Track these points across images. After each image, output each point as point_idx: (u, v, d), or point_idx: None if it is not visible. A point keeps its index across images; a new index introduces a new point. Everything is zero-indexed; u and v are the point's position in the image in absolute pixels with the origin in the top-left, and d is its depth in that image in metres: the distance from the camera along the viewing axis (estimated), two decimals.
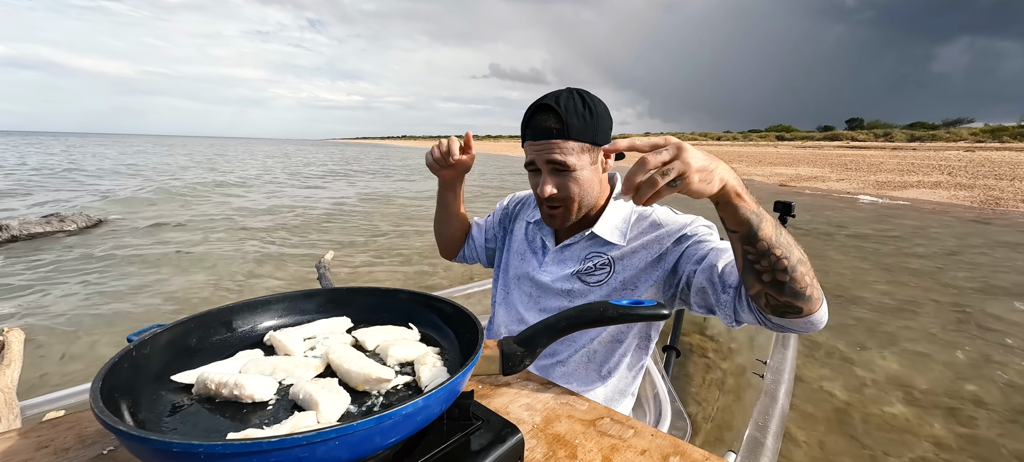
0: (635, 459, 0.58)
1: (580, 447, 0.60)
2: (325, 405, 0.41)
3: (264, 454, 0.30)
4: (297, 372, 0.48)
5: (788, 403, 0.86)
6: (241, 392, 0.43)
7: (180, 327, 0.50)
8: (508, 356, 0.51)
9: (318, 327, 0.59)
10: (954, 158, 19.43)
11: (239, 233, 5.88)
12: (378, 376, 0.46)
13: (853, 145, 34.30)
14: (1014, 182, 11.72)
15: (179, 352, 0.50)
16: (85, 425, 0.60)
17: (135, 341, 0.45)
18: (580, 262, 0.91)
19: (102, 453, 0.55)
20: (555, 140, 0.81)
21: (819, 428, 1.89)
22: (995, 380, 2.43)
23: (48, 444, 0.56)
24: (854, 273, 4.59)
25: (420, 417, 0.38)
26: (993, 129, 37.90)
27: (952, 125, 50.87)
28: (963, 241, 6.09)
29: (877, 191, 11.32)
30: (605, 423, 0.65)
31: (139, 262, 4.36)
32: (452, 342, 0.55)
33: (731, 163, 0.70)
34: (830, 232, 6.65)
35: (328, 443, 0.32)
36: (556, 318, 0.53)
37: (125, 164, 18.36)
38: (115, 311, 3.27)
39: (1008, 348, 2.85)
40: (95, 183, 11.40)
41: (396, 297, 0.60)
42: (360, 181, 13.91)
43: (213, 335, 0.54)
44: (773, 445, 0.73)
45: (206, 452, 0.30)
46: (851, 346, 2.80)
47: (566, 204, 0.86)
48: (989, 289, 4.07)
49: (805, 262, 0.62)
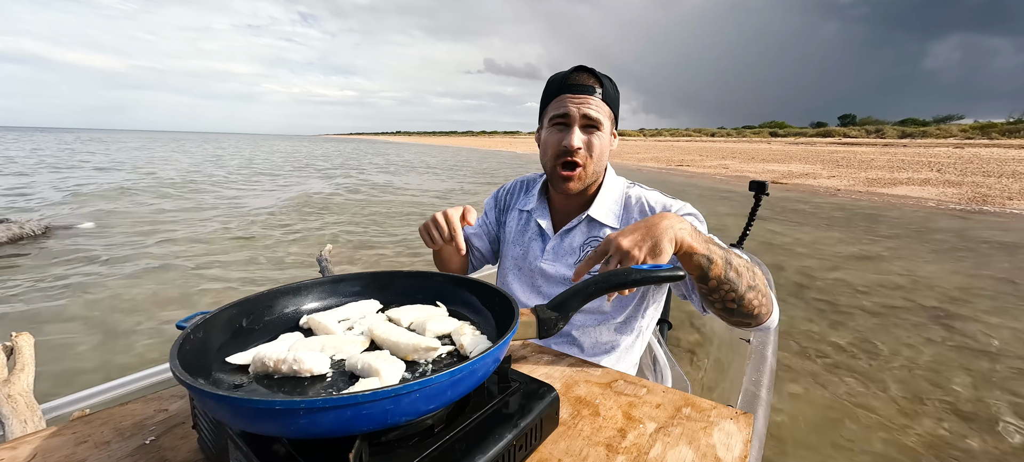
0: (652, 412, 0.64)
1: (601, 405, 0.65)
2: (385, 371, 0.44)
3: (358, 407, 0.34)
4: (346, 348, 0.51)
5: (775, 362, 0.95)
6: (300, 367, 0.46)
7: (225, 312, 0.52)
8: (544, 321, 0.56)
9: (350, 310, 0.62)
10: (944, 154, 19.81)
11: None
12: (426, 345, 0.49)
13: (845, 141, 35.09)
14: (1001, 179, 11.93)
15: (232, 335, 0.52)
16: (119, 420, 0.61)
17: (188, 326, 0.47)
18: (580, 251, 0.96)
19: (144, 443, 0.56)
20: (594, 97, 0.88)
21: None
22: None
23: (86, 439, 0.56)
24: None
25: (480, 372, 0.42)
26: (982, 126, 38.99)
27: (942, 121, 53.56)
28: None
29: (867, 188, 11.44)
30: (620, 385, 0.71)
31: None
32: (485, 316, 0.59)
33: (725, 160, 0.80)
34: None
35: (412, 394, 0.35)
36: (585, 283, 0.58)
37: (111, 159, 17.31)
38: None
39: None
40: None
41: (431, 279, 0.63)
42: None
43: (256, 319, 0.56)
44: (767, 397, 0.82)
45: (307, 407, 0.33)
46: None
47: (585, 162, 0.90)
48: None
49: (755, 287, 0.72)
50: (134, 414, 0.62)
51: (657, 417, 0.63)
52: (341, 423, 0.34)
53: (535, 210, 1.03)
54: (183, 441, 0.56)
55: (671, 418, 0.62)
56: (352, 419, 0.34)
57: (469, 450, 0.43)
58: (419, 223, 1.17)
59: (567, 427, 0.60)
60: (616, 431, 0.59)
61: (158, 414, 0.62)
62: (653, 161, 20.99)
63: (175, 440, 0.57)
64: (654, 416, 0.63)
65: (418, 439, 0.44)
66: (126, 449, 0.55)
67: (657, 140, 52.16)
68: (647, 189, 0.98)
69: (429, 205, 8.81)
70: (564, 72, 0.90)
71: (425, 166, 20.25)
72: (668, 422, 0.61)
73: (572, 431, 0.59)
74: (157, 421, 0.60)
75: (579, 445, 0.56)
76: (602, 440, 0.57)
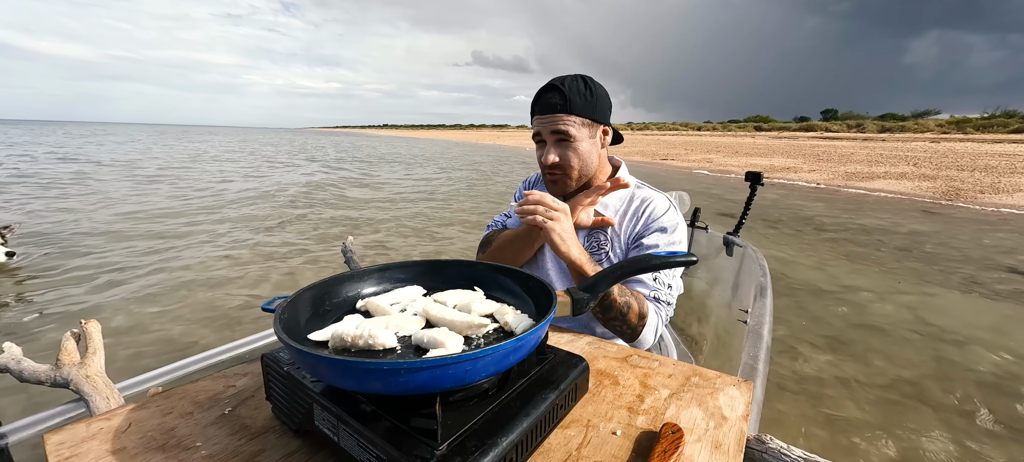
0: (665, 381, 0.73)
1: (620, 377, 0.74)
2: (450, 343, 0.52)
3: (446, 368, 0.42)
4: (407, 326, 0.59)
5: (771, 339, 1.05)
6: (374, 341, 0.53)
7: (305, 294, 0.60)
8: (577, 301, 0.64)
9: (399, 294, 0.69)
10: (920, 149, 20.17)
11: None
12: (478, 322, 0.57)
13: (827, 136, 35.55)
14: (974, 173, 12.20)
15: (312, 314, 0.59)
16: (194, 395, 0.68)
17: (275, 307, 0.54)
18: (586, 238, 1.05)
19: (223, 413, 0.64)
20: (559, 114, 0.96)
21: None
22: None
23: (171, 411, 0.63)
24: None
25: (532, 342, 0.51)
26: (957, 121, 40.00)
27: (920, 116, 54.42)
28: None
29: (845, 182, 11.61)
30: (635, 359, 0.80)
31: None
32: (522, 298, 0.67)
33: (709, 154, 0.90)
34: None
35: (485, 358, 0.44)
36: (612, 268, 0.66)
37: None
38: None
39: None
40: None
41: (474, 267, 0.71)
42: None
43: (324, 303, 0.63)
44: (763, 369, 0.92)
45: (407, 367, 0.40)
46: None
47: (566, 171, 1.00)
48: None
49: (619, 303, 0.89)
50: (206, 390, 0.69)
51: (670, 385, 0.72)
52: (431, 380, 0.42)
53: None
54: (258, 411, 0.64)
55: (682, 386, 0.72)
56: (439, 377, 0.42)
57: (523, 407, 0.51)
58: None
59: (592, 394, 0.69)
60: (635, 397, 0.68)
61: (228, 390, 0.69)
62: (639, 155, 21.14)
63: (250, 410, 0.64)
64: (667, 384, 0.72)
65: (478, 399, 0.52)
66: (209, 418, 0.62)
67: (644, 134, 52.41)
68: (655, 191, 1.06)
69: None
70: (539, 90, 0.99)
71: (429, 157, 20.03)
72: (680, 389, 0.71)
73: (597, 397, 0.68)
74: (229, 395, 0.68)
75: (605, 408, 0.65)
76: (624, 404, 0.66)
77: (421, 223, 6.39)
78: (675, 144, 29.13)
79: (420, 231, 5.87)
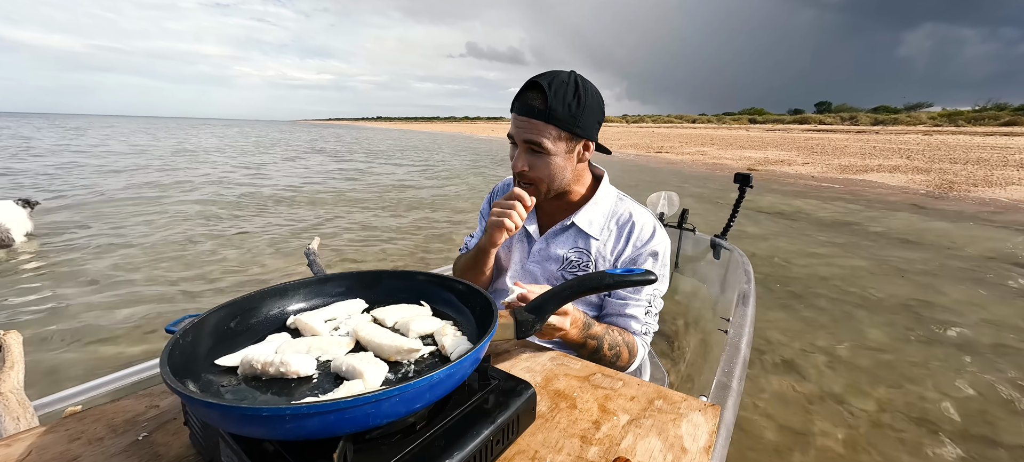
0: (626, 404, 0.67)
1: (578, 399, 0.69)
2: (369, 374, 0.46)
3: (342, 412, 0.36)
4: (331, 349, 0.53)
5: (748, 352, 0.99)
6: (287, 369, 0.48)
7: (213, 315, 0.54)
8: (521, 323, 0.58)
9: (336, 309, 0.64)
10: (913, 141, 19.84)
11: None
12: (409, 347, 0.52)
13: (821, 128, 35.32)
14: (967, 166, 11.95)
15: (218, 338, 0.54)
16: (111, 416, 0.62)
17: (177, 330, 0.49)
18: (562, 259, 0.98)
19: (137, 439, 0.58)
20: (536, 120, 0.84)
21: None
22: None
23: (80, 435, 0.58)
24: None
25: (458, 375, 0.45)
26: (950, 113, 39.64)
27: (913, 109, 54.04)
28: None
29: (840, 174, 11.41)
30: (597, 378, 0.75)
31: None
32: (466, 315, 0.61)
33: (703, 147, 0.83)
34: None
35: (392, 399, 0.38)
36: (561, 287, 0.60)
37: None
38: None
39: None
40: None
41: (414, 279, 0.66)
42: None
43: (243, 321, 0.58)
44: (737, 388, 0.86)
45: (292, 413, 0.35)
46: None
47: (536, 183, 0.92)
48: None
49: (617, 351, 0.87)
50: (126, 411, 0.64)
51: (630, 409, 0.66)
52: (325, 426, 0.37)
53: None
54: (175, 437, 0.59)
55: (644, 410, 0.66)
56: (336, 422, 0.37)
57: (448, 446, 0.46)
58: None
59: (545, 419, 0.63)
60: (591, 423, 0.63)
61: (150, 410, 0.64)
62: (633, 148, 20.84)
63: (167, 436, 0.59)
64: (628, 408, 0.66)
65: (400, 436, 0.47)
66: (120, 445, 0.57)
67: (639, 126, 52.04)
68: (637, 206, 1.00)
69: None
70: (522, 88, 0.88)
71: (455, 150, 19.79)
72: (640, 414, 0.65)
73: (550, 423, 0.62)
74: (149, 417, 0.62)
75: (556, 437, 0.60)
76: (577, 432, 0.61)
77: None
78: (669, 137, 28.85)
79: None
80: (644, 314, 0.94)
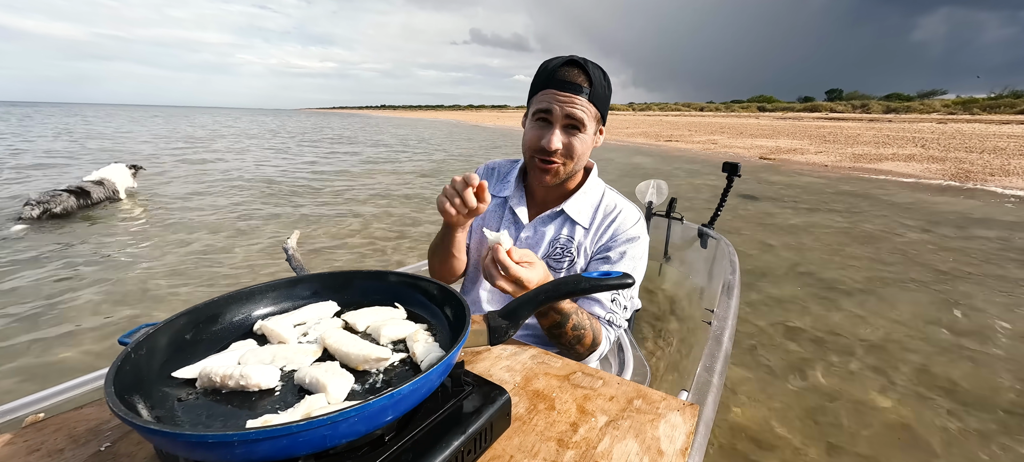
0: (605, 405, 0.67)
1: (557, 399, 0.68)
2: (332, 386, 0.45)
3: (295, 436, 0.34)
4: (296, 358, 0.51)
5: (731, 345, 0.99)
6: (247, 382, 0.46)
7: (171, 324, 0.51)
8: (494, 329, 0.57)
9: (306, 313, 0.61)
10: (927, 130, 19.73)
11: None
12: (377, 356, 0.50)
13: (832, 116, 34.70)
14: (983, 155, 11.84)
15: (176, 349, 0.51)
16: (73, 425, 0.60)
17: (130, 343, 0.46)
18: (549, 245, 0.97)
19: (99, 450, 0.56)
20: (581, 98, 0.84)
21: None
22: None
23: (38, 447, 0.56)
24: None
25: (424, 389, 0.43)
26: (964, 101, 39.12)
27: (926, 97, 53.25)
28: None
29: (854, 163, 11.27)
30: (577, 377, 0.74)
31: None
32: (439, 318, 0.59)
33: (713, 135, 0.81)
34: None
35: (349, 420, 0.36)
36: (536, 291, 0.59)
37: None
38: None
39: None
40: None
41: (386, 279, 0.63)
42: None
43: (205, 329, 0.56)
44: (718, 382, 0.86)
45: (240, 439, 0.33)
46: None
47: (564, 161, 0.89)
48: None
49: (574, 329, 0.84)
50: (89, 419, 0.61)
51: (609, 410, 0.65)
52: (279, 450, 0.35)
53: (512, 197, 1.02)
54: (139, 447, 0.57)
55: (622, 411, 0.65)
56: (289, 446, 0.35)
57: (416, 459, 0.44)
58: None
59: (522, 422, 0.62)
60: (569, 426, 0.62)
61: (114, 418, 0.62)
62: (643, 137, 20.53)
63: (131, 446, 0.57)
64: (606, 409, 0.66)
65: (368, 449, 0.45)
66: (80, 457, 0.55)
67: (647, 115, 51.40)
68: (621, 198, 1.00)
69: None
70: (556, 62, 0.85)
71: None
72: (619, 415, 0.64)
73: (527, 426, 0.61)
74: (113, 425, 0.60)
75: (532, 441, 0.59)
76: (554, 435, 0.60)
77: None
78: (678, 125, 28.49)
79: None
80: (610, 301, 0.92)
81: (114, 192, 5.37)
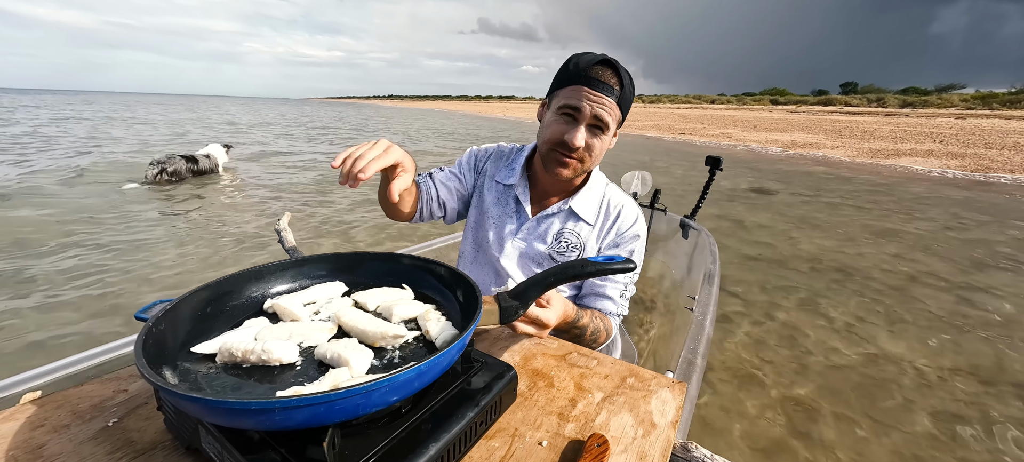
0: (601, 382, 0.71)
1: (556, 377, 0.71)
2: (355, 361, 0.47)
3: (331, 403, 0.36)
4: (313, 335, 0.53)
5: (712, 330, 1.06)
6: (269, 357, 0.47)
7: (187, 301, 0.52)
8: (505, 309, 0.59)
9: (316, 292, 0.63)
10: (945, 125, 19.14)
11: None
12: (394, 333, 0.52)
13: (847, 110, 33.47)
14: (1003, 151, 11.55)
15: (195, 323, 0.52)
16: (75, 402, 0.60)
17: (149, 318, 0.47)
18: (555, 238, 0.98)
19: (107, 425, 0.57)
20: (610, 100, 0.84)
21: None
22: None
23: (43, 423, 0.56)
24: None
25: (445, 363, 0.46)
26: (983, 96, 38.20)
27: (944, 91, 52.94)
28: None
29: (871, 159, 11.10)
30: (573, 357, 0.78)
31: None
32: (449, 300, 0.62)
33: (726, 128, 0.86)
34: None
35: (382, 389, 0.39)
36: (545, 274, 0.62)
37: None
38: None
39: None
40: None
41: (397, 262, 0.65)
42: None
43: (218, 306, 0.56)
44: (701, 363, 0.92)
45: (282, 406, 0.35)
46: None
47: (584, 159, 0.89)
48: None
49: (597, 336, 0.92)
50: (91, 396, 0.61)
51: (604, 387, 0.70)
52: (315, 417, 0.37)
53: (516, 186, 1.01)
54: (148, 422, 0.57)
55: (617, 388, 0.70)
56: (325, 413, 0.37)
57: (434, 429, 0.47)
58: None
59: (524, 398, 0.66)
60: (568, 401, 0.66)
61: (118, 395, 0.62)
62: (655, 129, 20.07)
63: (140, 421, 0.57)
64: (602, 386, 0.70)
65: (387, 420, 0.48)
66: (88, 432, 0.55)
67: (657, 107, 49.56)
68: (620, 193, 1.03)
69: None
70: (589, 59, 0.84)
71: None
72: (614, 391, 0.69)
73: (529, 401, 0.65)
74: (118, 402, 0.60)
75: (535, 414, 0.62)
76: (555, 409, 0.64)
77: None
78: (690, 118, 27.90)
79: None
80: (619, 297, 0.98)
81: (216, 165, 6.60)
